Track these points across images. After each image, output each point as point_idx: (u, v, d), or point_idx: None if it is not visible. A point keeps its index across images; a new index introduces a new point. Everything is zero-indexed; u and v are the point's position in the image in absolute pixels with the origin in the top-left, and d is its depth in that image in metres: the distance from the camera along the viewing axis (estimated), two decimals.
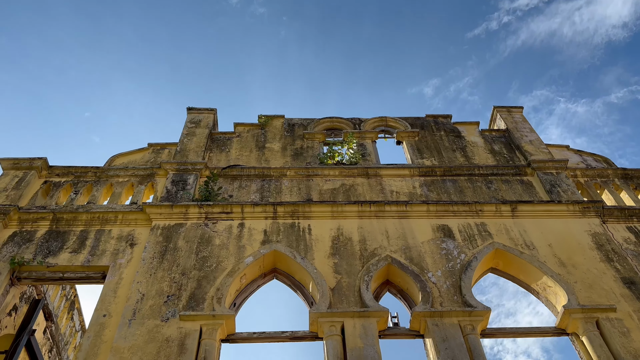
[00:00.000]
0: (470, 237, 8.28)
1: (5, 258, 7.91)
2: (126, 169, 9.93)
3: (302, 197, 9.29)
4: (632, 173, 10.24)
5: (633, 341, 6.70)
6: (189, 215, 8.54)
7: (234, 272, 7.51)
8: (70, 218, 8.58)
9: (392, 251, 7.93)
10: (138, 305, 7.06)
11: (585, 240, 8.29)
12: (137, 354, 6.45)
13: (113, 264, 7.87)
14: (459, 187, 9.60)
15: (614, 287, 7.47)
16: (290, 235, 8.22)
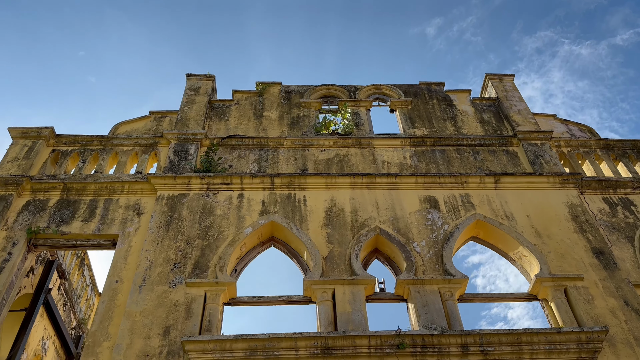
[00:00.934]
0: (454, 208, 8.87)
1: (22, 226, 8.52)
2: (130, 137, 10.38)
3: (298, 167, 9.81)
4: (613, 143, 10.72)
5: (595, 307, 7.43)
6: (191, 186, 9.09)
7: (234, 241, 8.14)
8: (80, 187, 9.13)
9: (381, 222, 8.54)
10: (147, 272, 7.74)
11: (562, 212, 8.89)
12: (148, 317, 7.18)
13: (122, 232, 8.50)
14: (447, 158, 10.10)
15: (584, 257, 8.14)
16: (287, 206, 8.81)
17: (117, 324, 7.21)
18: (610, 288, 7.69)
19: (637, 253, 8.43)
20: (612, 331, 7.09)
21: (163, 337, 6.94)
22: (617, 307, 7.42)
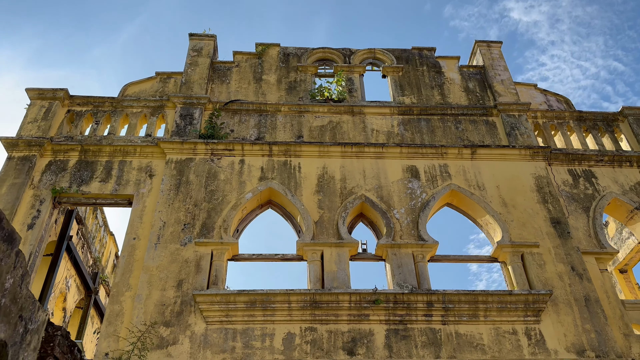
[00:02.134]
0: (433, 178, 9.93)
1: (46, 186, 9.57)
2: (138, 100, 11.18)
3: (294, 133, 10.72)
4: (586, 115, 11.60)
5: (546, 272, 8.70)
6: (197, 151, 10.05)
7: (237, 205, 9.25)
8: (96, 150, 10.09)
9: (367, 190, 9.63)
10: (161, 232, 8.90)
11: (528, 183, 9.97)
12: (163, 272, 8.42)
13: (137, 193, 9.57)
14: (431, 127, 11.01)
15: (542, 226, 9.32)
16: (283, 173, 9.84)
17: (137, 276, 8.46)
18: (561, 255, 8.93)
19: (591, 223, 9.60)
20: (556, 293, 8.40)
21: (177, 289, 8.22)
22: (564, 272, 8.70)
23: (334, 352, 7.65)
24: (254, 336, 7.76)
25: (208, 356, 7.55)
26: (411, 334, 7.87)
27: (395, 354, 7.67)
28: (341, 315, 7.94)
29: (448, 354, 7.68)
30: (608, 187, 10.22)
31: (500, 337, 7.91)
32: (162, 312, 7.96)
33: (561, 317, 8.18)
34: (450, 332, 7.91)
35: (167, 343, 7.64)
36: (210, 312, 7.88)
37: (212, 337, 7.74)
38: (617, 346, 7.92)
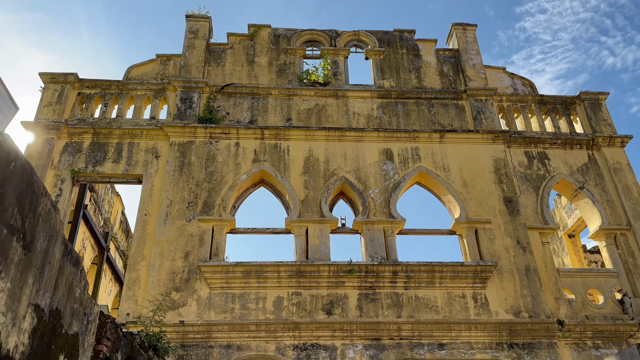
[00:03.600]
0: (405, 160, 11.34)
1: (65, 166, 10.91)
2: (142, 83, 12.30)
3: (284, 116, 11.98)
4: (546, 99, 12.87)
5: (495, 245, 10.34)
6: (197, 134, 11.34)
7: (233, 186, 10.69)
8: (107, 132, 11.35)
9: (347, 172, 11.06)
10: (168, 209, 10.38)
11: (487, 165, 11.41)
12: (172, 244, 9.97)
13: (145, 173, 10.95)
14: (407, 110, 12.28)
15: (496, 204, 10.87)
16: (274, 155, 11.21)
17: (150, 247, 10.02)
18: (509, 230, 10.55)
19: (539, 201, 11.15)
20: (501, 263, 10.09)
21: (184, 259, 9.81)
22: (510, 245, 10.35)
23: (315, 312, 9.38)
24: (250, 299, 9.46)
25: (212, 316, 9.26)
26: (379, 297, 9.59)
27: (365, 314, 9.42)
28: (321, 282, 9.62)
29: (408, 314, 9.44)
30: (558, 168, 11.69)
31: (451, 300, 9.66)
32: (173, 279, 9.59)
33: (504, 284, 9.90)
34: (410, 296, 9.64)
35: (178, 305, 9.32)
36: (213, 279, 9.52)
37: (215, 300, 9.42)
38: (547, 308, 9.70)
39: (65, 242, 4.73)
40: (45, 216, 4.30)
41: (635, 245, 10.77)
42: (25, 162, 3.98)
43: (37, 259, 4.19)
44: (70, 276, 4.86)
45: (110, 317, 5.81)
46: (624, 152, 12.00)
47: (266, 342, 9.05)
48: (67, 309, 4.82)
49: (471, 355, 9.11)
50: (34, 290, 4.14)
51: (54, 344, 4.57)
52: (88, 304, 5.33)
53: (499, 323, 9.36)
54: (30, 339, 4.13)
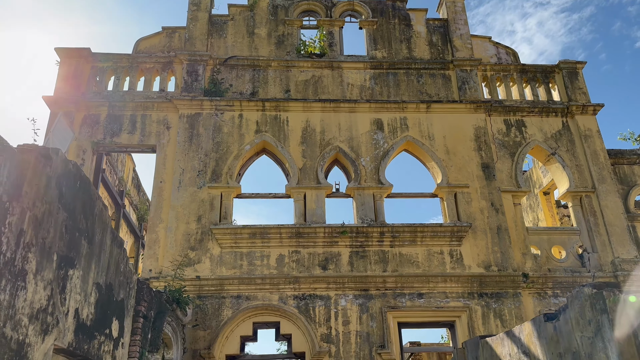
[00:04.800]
0: (394, 130, 12.46)
1: (85, 137, 12.05)
2: (150, 56, 13.19)
3: (283, 88, 12.97)
4: (528, 68, 13.78)
5: (471, 207, 11.66)
6: (203, 107, 12.40)
7: (238, 155, 11.88)
8: (121, 105, 12.41)
9: (341, 141, 12.20)
10: (181, 177, 11.63)
11: (469, 133, 12.53)
12: (186, 209, 11.30)
13: (158, 143, 12.11)
14: (397, 81, 13.24)
15: (474, 170, 12.09)
16: (274, 126, 12.31)
17: (166, 212, 11.35)
18: (485, 194, 11.84)
19: (514, 166, 12.36)
20: (476, 223, 11.45)
21: (197, 222, 11.18)
22: (485, 207, 11.68)
23: (312, 267, 10.85)
24: (255, 257, 10.90)
25: (223, 271, 10.73)
26: (367, 254, 11.03)
27: (355, 268, 10.89)
28: (318, 242, 11.03)
29: (392, 269, 10.92)
30: (534, 135, 12.81)
31: (430, 256, 11.11)
32: (188, 240, 11.00)
33: (477, 241, 11.32)
34: (395, 253, 11.08)
35: (193, 262, 10.78)
36: (224, 240, 10.93)
37: (226, 257, 10.87)
38: (514, 263, 11.17)
39: (112, 231, 6.05)
40: (99, 215, 5.58)
41: (597, 206, 12.10)
42: (85, 178, 5.22)
43: (96, 248, 5.52)
44: (117, 256, 6.21)
45: (146, 283, 7.22)
46: (595, 119, 13.08)
47: (270, 293, 10.58)
48: (116, 282, 6.20)
49: (446, 303, 10.66)
50: (95, 272, 5.50)
51: (109, 309, 5.98)
52: (129, 275, 6.71)
53: (471, 276, 10.85)
54: (94, 309, 5.52)
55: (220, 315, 10.30)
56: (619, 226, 11.85)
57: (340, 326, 10.40)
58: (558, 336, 4.38)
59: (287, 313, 10.41)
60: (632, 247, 11.65)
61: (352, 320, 10.44)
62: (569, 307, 4.23)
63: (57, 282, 4.58)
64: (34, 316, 4.16)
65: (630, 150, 13.79)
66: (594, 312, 3.78)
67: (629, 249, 11.62)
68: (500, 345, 5.70)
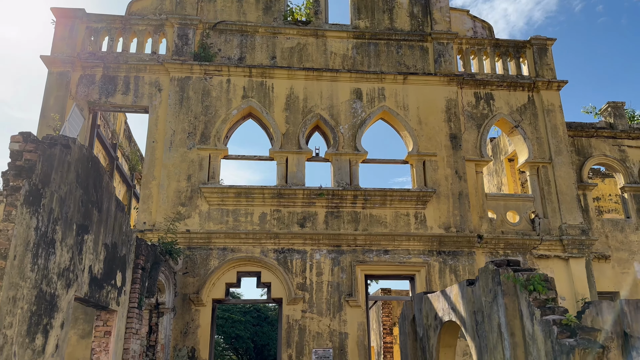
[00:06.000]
0: (372, 100, 13.39)
1: (82, 97, 12.84)
2: (142, 18, 13.77)
3: (269, 54, 13.72)
4: (501, 42, 14.60)
5: (437, 174, 12.83)
6: (193, 71, 13.16)
7: (226, 119, 12.80)
8: (115, 66, 13.12)
9: (322, 109, 13.14)
10: (172, 138, 12.57)
11: (441, 105, 13.52)
12: (177, 168, 12.33)
13: (151, 105, 12.96)
14: (378, 51, 14.03)
15: (443, 140, 13.17)
16: (260, 92, 13.17)
17: (159, 170, 12.37)
18: (450, 162, 12.98)
19: (479, 137, 13.45)
20: (440, 189, 12.67)
21: (187, 181, 12.24)
22: (450, 175, 12.86)
23: (291, 225, 12.07)
24: (240, 214, 12.07)
25: (211, 226, 11.92)
26: (341, 215, 12.26)
27: (330, 227, 12.14)
28: (297, 203, 12.20)
29: (363, 228, 12.19)
30: (500, 108, 13.84)
31: (398, 217, 12.37)
32: (179, 196, 12.09)
33: (440, 205, 12.57)
34: (366, 214, 12.31)
35: (184, 217, 11.93)
36: (211, 198, 12.05)
37: (213, 214, 12.03)
38: (471, 225, 12.49)
39: (116, 199, 7.12)
40: (106, 186, 6.65)
41: (552, 176, 13.34)
42: (95, 158, 6.24)
43: (104, 215, 6.62)
44: (120, 219, 7.33)
45: (144, 240, 8.36)
46: (559, 95, 14.11)
47: (253, 247, 11.84)
48: (119, 241, 7.36)
49: (408, 259, 12.03)
50: (103, 235, 6.63)
51: (114, 264, 7.15)
52: (130, 234, 7.86)
53: (432, 236, 12.17)
54: (103, 264, 6.69)
55: (207, 264, 11.58)
56: (569, 195, 13.15)
57: (314, 277, 11.76)
58: (473, 298, 5.61)
59: (267, 264, 11.71)
60: (578, 214, 13.01)
61: (324, 272, 11.79)
62: (480, 278, 5.44)
63: (76, 246, 5.69)
64: (60, 274, 5.29)
65: (590, 124, 14.93)
66: (493, 283, 4.99)
67: (575, 216, 12.98)
68: (437, 300, 6.97)
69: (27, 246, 4.51)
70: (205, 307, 11.28)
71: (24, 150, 4.58)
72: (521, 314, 4.67)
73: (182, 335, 11.01)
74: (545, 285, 4.59)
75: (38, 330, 4.80)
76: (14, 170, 4.45)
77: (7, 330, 4.20)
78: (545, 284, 4.61)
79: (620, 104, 15.33)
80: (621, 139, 14.85)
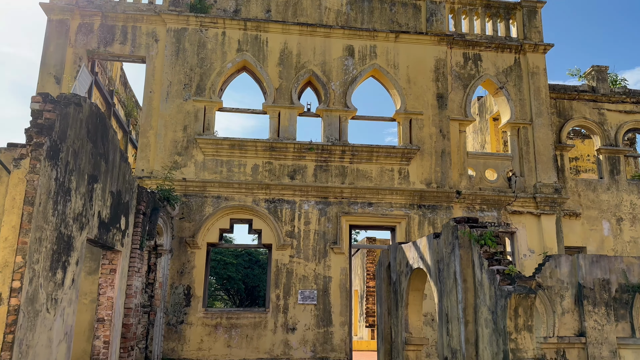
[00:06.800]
0: (363, 57, 13.81)
1: (80, 45, 13.16)
2: None
3: (264, 7, 13.95)
4: (493, 3, 14.89)
5: (422, 132, 13.48)
6: (189, 22, 13.45)
7: (221, 72, 13.23)
8: (113, 16, 13.37)
9: (314, 65, 13.57)
10: (168, 89, 13.03)
11: (430, 64, 13.98)
12: (173, 118, 12.86)
13: (148, 55, 13.32)
14: (371, 8, 14.31)
15: (430, 99, 13.73)
16: (254, 46, 13.54)
17: (156, 120, 12.91)
18: (436, 121, 13.60)
19: (465, 97, 14.01)
20: (424, 147, 13.35)
21: (184, 131, 12.81)
22: (434, 133, 13.51)
23: (282, 177, 12.79)
24: (234, 165, 12.75)
25: (206, 175, 12.61)
26: (330, 168, 12.97)
27: (319, 179, 12.87)
28: (288, 156, 12.86)
29: (349, 182, 12.94)
30: (487, 69, 14.32)
31: (383, 172, 13.10)
32: (175, 146, 12.70)
33: (423, 162, 13.30)
34: (353, 168, 13.03)
35: (180, 166, 12.58)
36: (206, 149, 12.67)
37: (208, 164, 12.69)
38: (452, 181, 13.27)
39: (120, 150, 7.76)
40: (111, 139, 7.28)
41: (531, 137, 14.04)
42: (102, 114, 6.83)
43: (110, 165, 7.29)
44: (124, 169, 8.00)
45: (145, 188, 9.06)
46: (544, 58, 14.58)
47: (246, 196, 12.59)
48: (123, 189, 8.05)
49: (390, 211, 12.87)
50: (110, 183, 7.31)
51: (119, 209, 7.87)
52: (132, 182, 8.55)
53: (413, 190, 12.97)
54: (110, 210, 7.40)
55: (202, 211, 12.36)
56: (545, 155, 13.90)
57: (302, 225, 12.60)
58: (438, 249, 6.42)
59: (259, 213, 12.51)
60: (553, 174, 13.81)
61: (312, 221, 12.63)
62: (443, 232, 6.22)
63: (88, 194, 6.38)
64: (75, 218, 6.00)
65: (573, 87, 15.49)
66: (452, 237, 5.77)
67: (550, 175, 13.78)
68: (409, 250, 7.81)
69: (48, 194, 5.18)
70: (201, 250, 12.14)
71: (43, 110, 5.17)
72: (473, 264, 5.47)
73: (179, 275, 11.92)
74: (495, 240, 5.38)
75: (58, 266, 5.55)
76: (36, 127, 5.05)
77: (35, 265, 4.94)
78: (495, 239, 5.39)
79: (604, 68, 15.83)
80: (602, 102, 15.46)
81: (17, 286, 4.66)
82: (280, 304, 12.11)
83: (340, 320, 12.14)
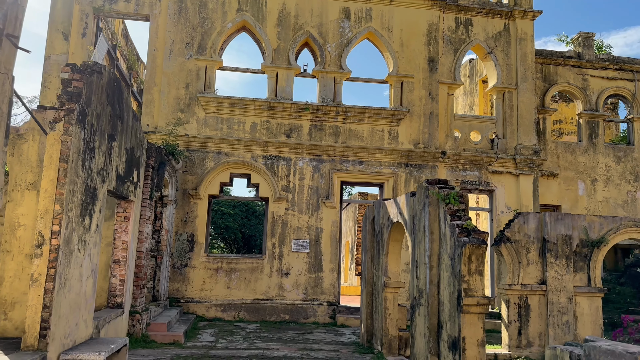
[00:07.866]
0: (359, 20, 14.36)
1: (87, 2, 13.65)
2: None
3: None
4: None
5: (413, 95, 14.24)
6: None
7: (221, 32, 13.81)
8: None
9: (312, 27, 14.14)
10: (171, 47, 13.64)
11: (423, 28, 14.56)
12: (176, 76, 13.55)
13: (151, 14, 13.85)
14: None
15: (421, 62, 14.40)
16: (254, 7, 14.05)
17: (159, 77, 13.59)
18: (426, 84, 14.33)
19: (454, 61, 14.67)
20: (413, 109, 14.14)
21: (186, 89, 13.53)
22: (423, 96, 14.27)
23: (279, 135, 13.63)
24: (233, 122, 13.55)
25: (207, 132, 13.43)
26: (324, 128, 13.79)
27: (313, 138, 13.72)
28: (285, 115, 13.65)
29: (342, 141, 13.79)
30: (477, 34, 14.92)
31: (373, 132, 13.95)
32: (178, 103, 13.45)
33: (412, 124, 14.12)
34: (346, 128, 13.86)
35: (183, 122, 13.38)
36: (208, 107, 13.43)
37: (209, 121, 13.48)
38: (438, 142, 14.15)
39: (132, 111, 8.58)
40: (126, 101, 8.09)
41: (515, 101, 14.82)
42: (117, 79, 7.61)
43: (124, 125, 8.12)
44: (136, 128, 8.83)
45: (153, 144, 9.93)
46: (533, 24, 15.15)
47: (244, 152, 13.47)
48: (135, 145, 8.91)
49: (379, 169, 13.81)
50: (124, 141, 8.17)
51: (132, 164, 8.75)
52: (142, 139, 9.40)
53: (402, 150, 13.86)
54: (125, 165, 8.28)
55: (204, 165, 13.26)
56: (527, 119, 14.74)
57: (297, 181, 13.56)
58: (413, 206, 7.38)
59: (256, 168, 13.42)
60: (533, 137, 14.69)
61: (306, 177, 13.58)
62: (417, 191, 7.16)
63: (108, 152, 7.25)
64: (98, 173, 6.90)
65: (559, 52, 16.14)
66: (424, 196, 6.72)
67: (530, 138, 14.67)
68: (390, 206, 8.77)
69: (78, 153, 6.05)
70: (203, 201, 13.13)
71: (72, 79, 5.97)
72: (439, 219, 6.43)
73: (183, 223, 12.96)
74: (458, 200, 6.31)
75: (86, 213, 6.49)
76: (66, 95, 5.86)
77: (69, 212, 5.87)
78: (459, 199, 6.32)
79: (590, 34, 16.42)
80: (586, 68, 16.15)
81: (56, 229, 5.60)
82: (275, 251, 13.22)
83: (330, 267, 13.30)
